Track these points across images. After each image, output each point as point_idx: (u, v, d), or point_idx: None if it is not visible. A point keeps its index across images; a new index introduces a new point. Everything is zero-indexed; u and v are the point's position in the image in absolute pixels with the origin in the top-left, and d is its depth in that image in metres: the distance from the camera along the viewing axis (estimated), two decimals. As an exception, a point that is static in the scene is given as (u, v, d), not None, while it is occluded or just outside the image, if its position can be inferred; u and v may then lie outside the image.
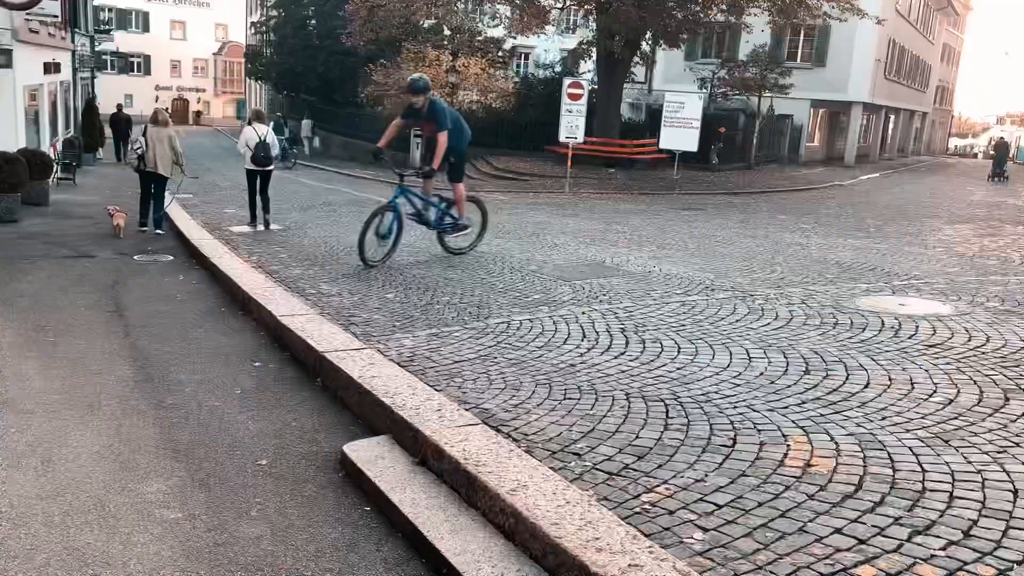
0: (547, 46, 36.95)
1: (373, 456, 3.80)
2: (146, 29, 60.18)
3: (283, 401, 4.73)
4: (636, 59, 25.11)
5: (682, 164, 23.97)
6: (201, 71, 63.31)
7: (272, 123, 16.10)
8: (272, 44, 41.40)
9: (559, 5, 25.50)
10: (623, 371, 4.79)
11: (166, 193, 11.57)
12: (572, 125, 19.91)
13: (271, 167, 11.64)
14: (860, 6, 22.10)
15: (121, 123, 26.78)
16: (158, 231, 11.29)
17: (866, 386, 4.54)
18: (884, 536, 2.86)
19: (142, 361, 5.41)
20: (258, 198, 11.52)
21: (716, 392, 4.42)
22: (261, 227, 11.37)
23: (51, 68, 19.28)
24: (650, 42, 25.25)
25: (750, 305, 6.70)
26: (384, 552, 3.14)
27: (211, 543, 3.14)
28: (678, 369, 4.85)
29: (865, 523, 2.95)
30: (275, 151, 11.69)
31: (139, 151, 11.15)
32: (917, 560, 2.70)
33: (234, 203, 15.39)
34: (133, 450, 3.96)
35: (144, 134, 11.25)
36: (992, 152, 34.82)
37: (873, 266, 9.22)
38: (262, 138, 11.30)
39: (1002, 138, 39.62)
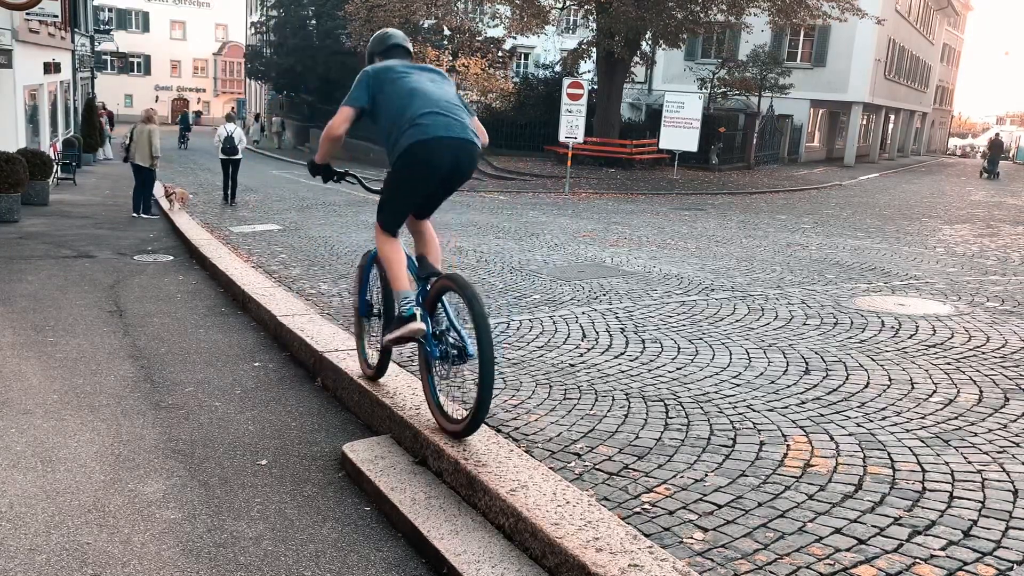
0: (547, 46, 36.92)
1: (373, 456, 3.80)
2: (146, 29, 60.22)
3: (283, 401, 4.73)
4: (636, 59, 25.11)
5: (682, 164, 24.00)
6: (201, 71, 63.34)
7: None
8: (272, 44, 41.43)
9: (559, 5, 25.49)
10: (623, 371, 4.79)
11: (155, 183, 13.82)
12: (572, 125, 19.91)
13: (239, 156, 15.23)
14: (860, 6, 22.10)
15: None
16: (145, 215, 13.14)
17: (866, 386, 4.54)
18: (884, 536, 2.86)
19: (142, 361, 5.41)
20: (229, 181, 15.16)
21: (716, 392, 4.42)
22: (229, 207, 14.61)
23: (51, 68, 19.27)
24: (650, 42, 25.25)
25: (750, 305, 6.69)
26: (384, 552, 3.14)
27: (211, 543, 3.14)
28: (678, 369, 4.85)
29: (865, 523, 2.95)
30: (241, 144, 15.37)
31: (124, 144, 13.36)
32: (917, 560, 2.70)
33: (234, 206, 15.40)
34: (133, 450, 3.96)
35: (133, 130, 13.22)
36: (987, 150, 35.52)
37: (873, 266, 9.22)
38: (230, 134, 15.09)
39: (998, 135, 39.91)
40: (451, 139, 3.67)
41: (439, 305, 3.77)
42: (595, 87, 25.20)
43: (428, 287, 3.85)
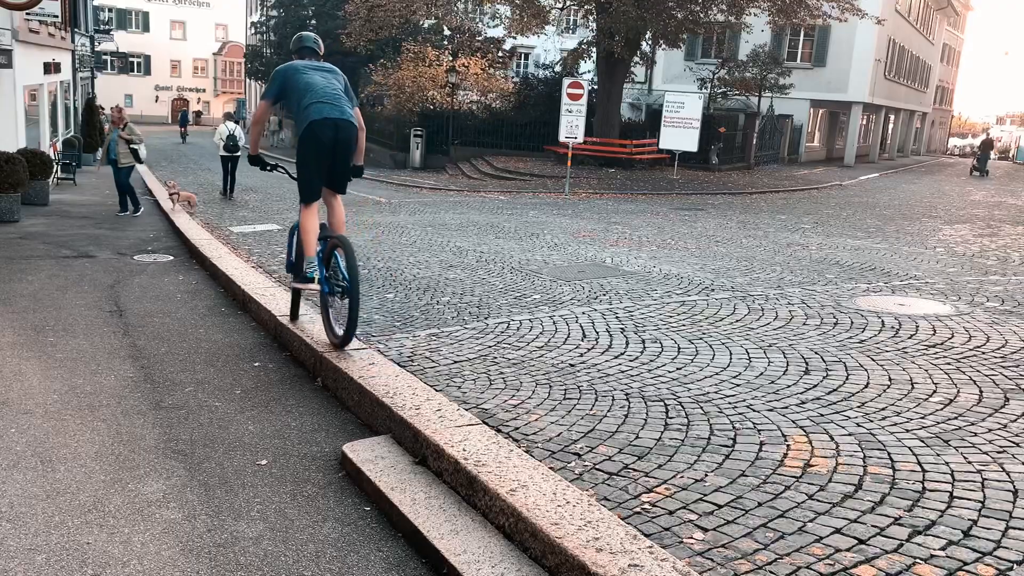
0: (547, 46, 36.93)
1: (373, 456, 3.80)
2: (146, 29, 60.23)
3: (283, 401, 4.73)
4: (636, 59, 25.08)
5: (682, 164, 24.00)
6: (201, 71, 63.33)
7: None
8: (272, 44, 41.46)
9: (559, 5, 25.49)
10: (623, 371, 4.79)
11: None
12: (572, 125, 19.90)
13: (238, 153, 16.06)
14: (860, 6, 22.10)
15: None
16: (121, 213, 13.47)
17: (866, 386, 4.54)
18: (884, 536, 2.86)
19: (142, 361, 5.41)
20: (228, 177, 16.37)
21: (716, 392, 4.42)
22: (228, 201, 15.70)
23: (51, 68, 19.28)
24: (650, 42, 25.24)
25: (750, 305, 6.69)
26: (384, 552, 3.14)
27: (211, 543, 3.14)
28: (678, 369, 4.85)
29: (865, 523, 2.95)
30: (241, 142, 16.42)
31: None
32: (917, 560, 2.70)
33: (233, 203, 15.41)
34: (133, 450, 3.96)
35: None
36: (978, 149, 36.23)
37: (873, 266, 9.22)
38: (231, 132, 16.40)
39: (988, 135, 40.35)
40: (331, 119, 5.03)
41: (333, 257, 5.24)
42: (595, 87, 25.19)
43: (326, 245, 5.30)
